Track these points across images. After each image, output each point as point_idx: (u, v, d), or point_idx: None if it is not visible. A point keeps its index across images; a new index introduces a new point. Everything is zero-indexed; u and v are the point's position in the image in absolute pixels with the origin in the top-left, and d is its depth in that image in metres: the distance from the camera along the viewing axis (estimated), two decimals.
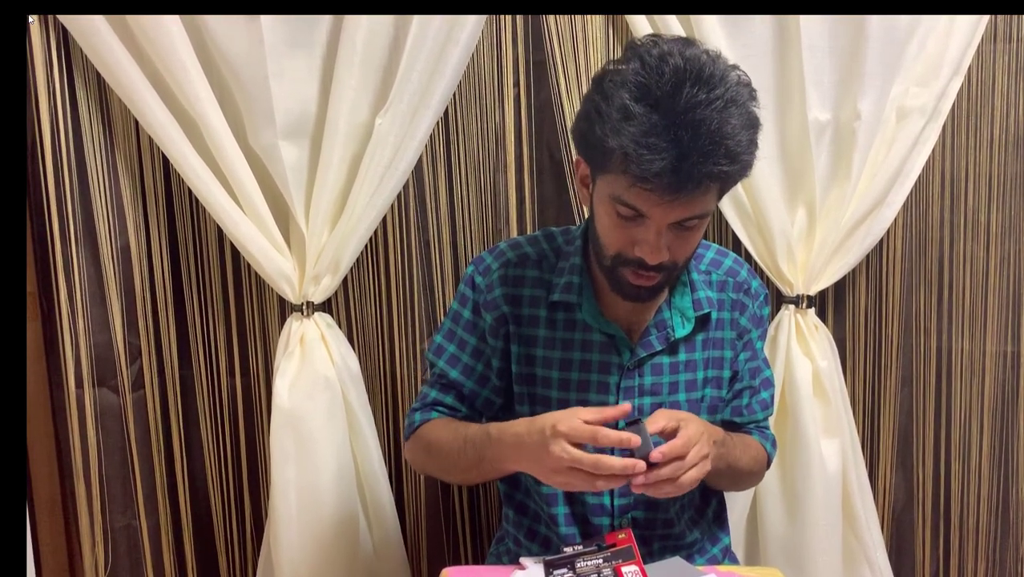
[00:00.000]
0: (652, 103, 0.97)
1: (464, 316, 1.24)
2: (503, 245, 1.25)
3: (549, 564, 1.07)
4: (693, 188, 0.98)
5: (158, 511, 1.62)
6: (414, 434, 1.26)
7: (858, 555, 1.55)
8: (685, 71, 0.97)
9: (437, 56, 1.43)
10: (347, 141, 1.45)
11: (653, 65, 0.98)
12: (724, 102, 0.97)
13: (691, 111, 0.95)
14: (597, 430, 0.99)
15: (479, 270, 1.23)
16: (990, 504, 1.64)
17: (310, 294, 1.51)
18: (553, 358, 1.18)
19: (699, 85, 0.96)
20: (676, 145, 0.95)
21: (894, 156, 1.46)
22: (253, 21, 1.39)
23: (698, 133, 0.95)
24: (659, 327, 1.18)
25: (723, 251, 1.27)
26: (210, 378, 1.63)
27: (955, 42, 1.46)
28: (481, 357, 1.23)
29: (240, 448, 1.65)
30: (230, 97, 1.46)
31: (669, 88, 0.96)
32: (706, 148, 0.95)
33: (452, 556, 1.66)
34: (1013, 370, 1.61)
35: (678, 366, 1.19)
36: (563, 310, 1.19)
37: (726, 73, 1.00)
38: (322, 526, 1.51)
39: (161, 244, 1.56)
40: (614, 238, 1.07)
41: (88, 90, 1.49)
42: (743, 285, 1.23)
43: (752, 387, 1.26)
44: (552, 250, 1.22)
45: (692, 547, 1.24)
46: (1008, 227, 1.57)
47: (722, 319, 1.21)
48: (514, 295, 1.20)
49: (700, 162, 0.96)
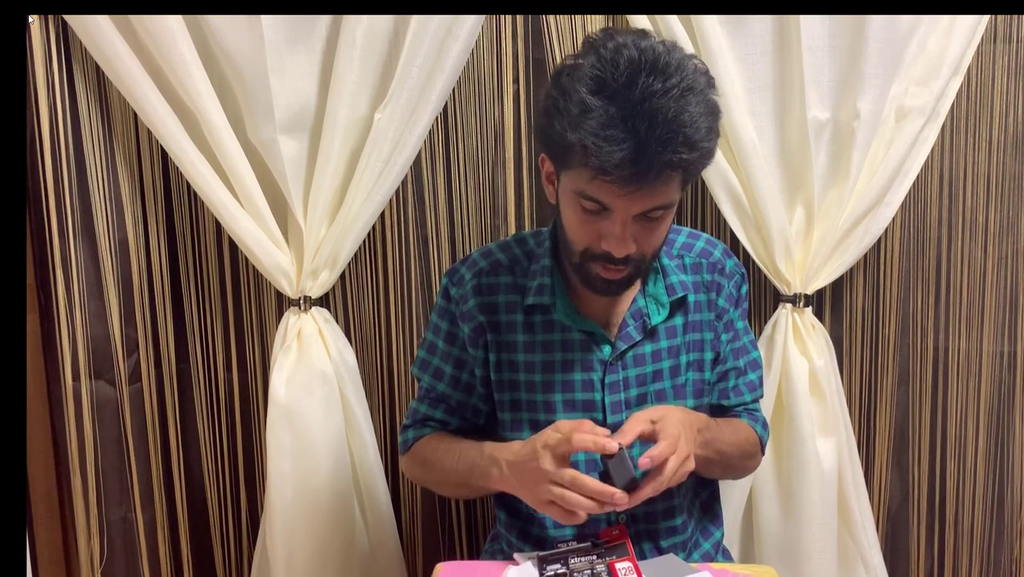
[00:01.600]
0: (609, 95, 0.97)
1: (443, 328, 1.25)
2: (475, 254, 1.26)
3: (543, 560, 1.08)
4: (654, 178, 0.98)
5: (154, 504, 1.62)
6: (409, 451, 1.28)
7: (853, 554, 1.55)
8: (640, 61, 0.98)
9: (437, 52, 1.43)
10: (346, 136, 1.45)
11: (608, 58, 0.99)
12: (680, 90, 0.97)
13: (647, 100, 0.96)
14: (575, 434, 1.00)
15: (452, 281, 1.24)
16: (985, 504, 1.65)
17: (308, 289, 1.51)
18: (535, 361, 1.19)
19: (655, 75, 0.97)
20: (634, 135, 0.96)
21: (893, 156, 1.46)
22: (253, 16, 1.38)
23: (655, 122, 0.96)
24: (635, 316, 1.18)
25: (695, 233, 1.27)
26: (207, 372, 1.63)
27: (955, 42, 1.46)
28: (464, 367, 1.24)
29: (236, 442, 1.65)
30: (230, 91, 1.46)
31: (624, 79, 0.97)
32: (664, 137, 0.96)
33: (447, 551, 1.67)
34: (1009, 370, 1.61)
35: (660, 353, 1.19)
36: (539, 313, 1.19)
37: (682, 62, 1.00)
38: (318, 521, 1.51)
39: (159, 237, 1.56)
40: (581, 233, 1.08)
41: (87, 83, 1.49)
42: (717, 265, 1.24)
43: (737, 368, 1.26)
44: (524, 254, 1.23)
45: (687, 543, 1.24)
46: (1006, 227, 1.57)
47: (699, 301, 1.22)
48: (489, 303, 1.21)
49: (659, 151, 0.96)
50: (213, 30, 1.40)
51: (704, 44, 1.43)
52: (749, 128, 1.45)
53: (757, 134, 1.47)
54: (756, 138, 1.46)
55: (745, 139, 1.44)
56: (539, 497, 1.03)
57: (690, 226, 1.52)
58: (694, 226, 1.58)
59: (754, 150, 1.45)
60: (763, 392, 1.31)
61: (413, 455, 1.28)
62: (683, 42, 1.43)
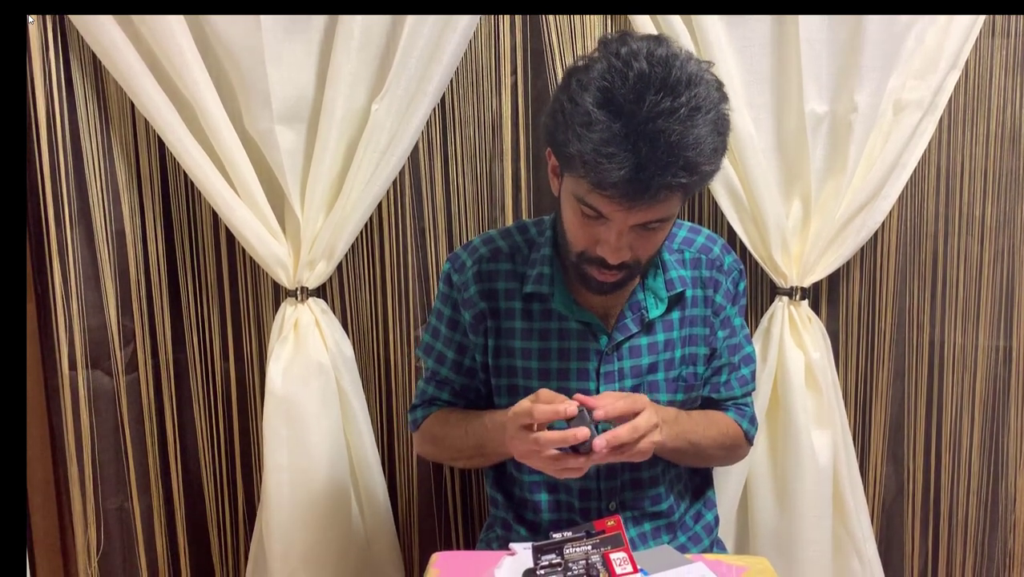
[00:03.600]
0: (614, 110, 0.96)
1: (446, 313, 1.27)
2: (476, 241, 1.27)
3: (538, 549, 1.08)
4: (651, 197, 0.98)
5: (151, 493, 1.62)
6: (419, 429, 1.31)
7: (847, 546, 1.55)
8: (650, 76, 0.96)
9: (435, 43, 1.43)
10: (343, 127, 1.45)
11: (618, 68, 0.97)
12: (689, 110, 0.96)
13: (652, 120, 0.95)
14: (534, 406, 1.03)
15: (455, 267, 1.25)
16: (980, 497, 1.65)
17: (305, 279, 1.51)
18: (532, 349, 1.20)
19: (664, 92, 0.95)
20: (635, 155, 0.95)
21: (890, 149, 1.46)
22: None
23: (656, 144, 0.95)
24: (633, 309, 1.19)
25: (696, 228, 1.28)
26: (204, 362, 1.63)
27: (953, 36, 1.46)
28: (466, 353, 1.26)
29: (233, 432, 1.65)
30: (227, 82, 1.45)
31: (632, 96, 0.96)
32: (664, 160, 0.95)
33: (444, 542, 1.67)
34: (1005, 365, 1.61)
35: (656, 346, 1.20)
36: (538, 301, 1.20)
37: (693, 77, 0.98)
38: (314, 511, 1.52)
39: (156, 228, 1.56)
40: (579, 236, 1.09)
41: (84, 73, 1.48)
42: (716, 262, 1.24)
43: (731, 364, 1.28)
44: (525, 242, 1.24)
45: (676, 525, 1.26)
46: (1002, 222, 1.57)
47: (696, 296, 1.23)
48: (490, 290, 1.22)
49: (657, 173, 0.96)
50: (211, 21, 1.40)
51: (702, 37, 1.43)
52: (747, 121, 1.45)
53: (755, 127, 1.47)
54: (754, 131, 1.46)
55: (742, 132, 1.44)
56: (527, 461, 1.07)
57: (687, 219, 1.52)
58: (691, 219, 1.58)
59: (751, 143, 1.45)
60: (755, 385, 1.32)
61: (423, 433, 1.31)
62: (682, 36, 1.43)
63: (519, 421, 1.04)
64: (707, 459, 1.29)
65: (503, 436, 1.10)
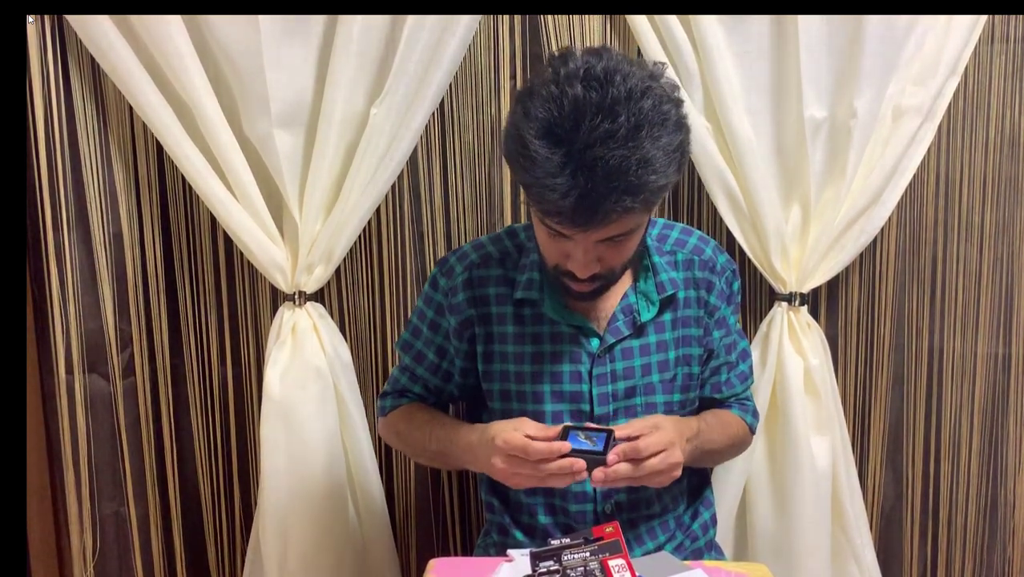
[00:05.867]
0: (555, 140, 0.96)
1: (428, 316, 1.27)
2: (466, 247, 1.27)
3: (536, 556, 1.07)
4: (601, 221, 0.98)
5: (147, 499, 1.62)
6: (385, 418, 1.33)
7: (846, 553, 1.55)
8: (585, 101, 0.95)
9: (434, 47, 1.43)
10: (342, 131, 1.45)
11: (555, 96, 0.96)
12: (629, 129, 0.95)
13: (591, 148, 0.94)
14: (528, 444, 1.03)
15: (442, 272, 1.26)
16: (979, 504, 1.65)
17: (303, 284, 1.50)
18: (524, 353, 1.20)
19: (601, 115, 0.94)
20: (576, 185, 0.95)
21: (889, 155, 1.46)
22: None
23: (594, 173, 0.94)
24: (625, 312, 1.20)
25: (688, 229, 1.28)
26: (201, 366, 1.62)
27: (952, 42, 1.46)
28: (445, 356, 1.28)
29: (230, 437, 1.65)
30: (226, 85, 1.45)
31: (569, 124, 0.95)
32: (606, 187, 0.95)
33: (441, 548, 1.66)
34: (1004, 371, 1.61)
35: (648, 348, 1.20)
36: (528, 306, 1.21)
37: (634, 92, 0.96)
38: (311, 516, 1.51)
39: (154, 231, 1.56)
40: (549, 252, 1.10)
41: (82, 75, 1.48)
42: (708, 263, 1.25)
43: (729, 362, 1.29)
44: (515, 247, 1.24)
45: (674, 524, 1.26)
46: (1001, 228, 1.57)
47: (689, 297, 1.23)
48: (480, 296, 1.22)
49: (600, 200, 0.96)
50: (209, 24, 1.39)
51: (702, 42, 1.43)
52: (746, 126, 1.45)
53: (754, 132, 1.47)
54: (753, 136, 1.46)
55: (742, 137, 1.44)
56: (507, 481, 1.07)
57: (686, 223, 1.52)
58: (690, 223, 1.57)
59: (751, 148, 1.45)
60: (754, 379, 1.34)
61: (389, 424, 1.33)
62: (681, 41, 1.43)
63: (508, 452, 1.04)
64: (719, 460, 1.32)
65: (473, 457, 1.12)
